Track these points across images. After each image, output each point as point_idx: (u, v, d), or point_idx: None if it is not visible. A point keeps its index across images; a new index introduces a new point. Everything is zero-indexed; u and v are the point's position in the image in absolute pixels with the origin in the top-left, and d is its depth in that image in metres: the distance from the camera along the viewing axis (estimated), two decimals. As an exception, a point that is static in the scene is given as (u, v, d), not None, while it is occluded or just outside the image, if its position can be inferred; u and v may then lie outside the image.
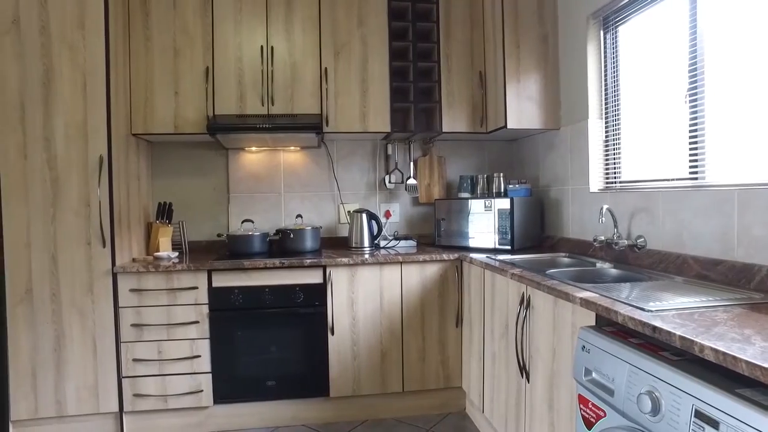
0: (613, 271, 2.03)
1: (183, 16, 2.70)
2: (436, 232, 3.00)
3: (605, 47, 2.41)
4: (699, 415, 0.93)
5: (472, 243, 2.79)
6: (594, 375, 1.27)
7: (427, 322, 2.66)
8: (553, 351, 1.70)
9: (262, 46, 2.75)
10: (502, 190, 2.94)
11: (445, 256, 2.62)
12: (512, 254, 2.56)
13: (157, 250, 2.75)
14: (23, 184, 2.36)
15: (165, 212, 2.80)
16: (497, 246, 2.70)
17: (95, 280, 2.41)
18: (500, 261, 2.30)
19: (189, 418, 2.54)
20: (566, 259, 2.44)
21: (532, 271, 1.97)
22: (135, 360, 2.45)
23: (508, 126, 2.67)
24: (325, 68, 2.79)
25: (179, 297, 2.46)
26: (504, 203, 2.66)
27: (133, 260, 2.61)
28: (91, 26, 2.39)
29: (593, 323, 1.43)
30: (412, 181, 3.16)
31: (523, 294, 1.92)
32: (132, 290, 2.43)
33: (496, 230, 2.70)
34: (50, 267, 2.39)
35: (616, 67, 2.35)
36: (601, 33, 2.42)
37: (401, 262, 2.61)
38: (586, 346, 1.32)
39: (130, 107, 2.66)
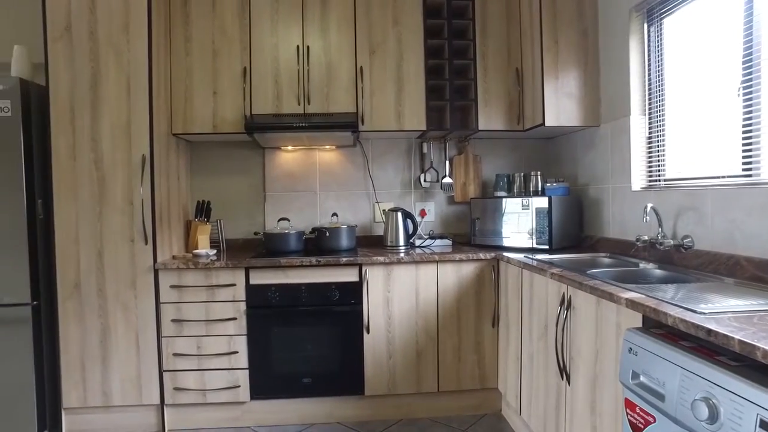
0: (658, 272, 1.97)
1: (221, 18, 2.75)
2: (471, 232, 2.96)
3: (649, 41, 2.33)
4: (765, 425, 0.88)
5: (509, 242, 2.75)
6: (642, 378, 1.23)
7: (463, 322, 2.63)
8: (595, 353, 1.65)
9: (298, 46, 2.77)
10: (540, 189, 2.89)
11: (481, 256, 2.59)
12: (550, 254, 2.51)
13: (196, 248, 2.81)
14: (73, 184, 2.45)
15: (203, 210, 2.86)
16: (535, 245, 2.65)
17: (138, 276, 2.48)
18: (539, 260, 2.26)
19: (226, 413, 2.58)
20: (607, 259, 2.38)
21: (572, 270, 1.93)
22: (175, 354, 2.51)
23: (546, 123, 2.61)
24: (361, 67, 2.79)
25: (217, 294, 2.51)
26: (542, 202, 2.61)
27: (173, 257, 2.67)
28: (135, 30, 2.46)
29: (640, 325, 1.38)
30: (447, 180, 3.14)
31: (563, 294, 1.87)
32: (172, 286, 2.49)
33: (534, 229, 2.65)
34: (96, 263, 2.47)
35: (661, 60, 2.27)
36: (645, 26, 2.34)
37: (437, 261, 2.59)
38: (633, 349, 1.27)
39: (170, 108, 2.73)
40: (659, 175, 2.27)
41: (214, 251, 2.78)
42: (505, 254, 2.52)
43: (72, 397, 2.49)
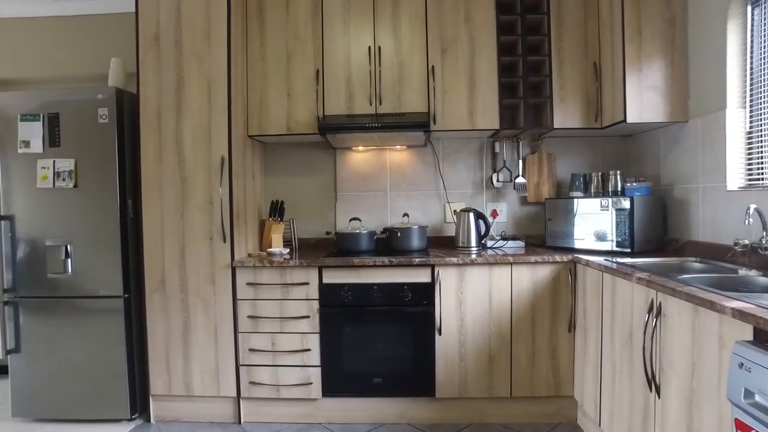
0: (763, 280, 1.81)
1: (295, 21, 2.81)
2: (545, 233, 2.86)
3: (752, 25, 2.14)
4: None
5: (585, 245, 2.63)
6: (758, 398, 1.13)
7: (538, 326, 2.54)
8: (692, 365, 1.54)
9: (369, 47, 2.78)
10: (619, 189, 2.74)
11: (557, 258, 2.50)
12: (632, 257, 2.38)
13: (270, 246, 2.89)
14: (158, 184, 2.59)
15: (277, 210, 2.94)
16: (614, 248, 2.52)
17: (217, 272, 2.59)
18: (621, 264, 2.14)
19: (299, 409, 2.64)
20: (697, 264, 2.22)
21: (659, 275, 1.81)
22: (251, 350, 2.59)
23: (628, 120, 2.48)
24: (432, 66, 2.77)
25: (291, 292, 2.56)
26: (623, 203, 2.48)
27: (249, 255, 2.76)
28: (215, 37, 2.56)
29: (749, 338, 1.27)
30: (520, 180, 3.05)
31: (651, 301, 1.76)
32: (249, 284, 2.58)
33: (614, 232, 2.52)
34: (179, 259, 2.60)
35: (766, 47, 2.08)
36: (748, 9, 2.15)
37: (511, 263, 2.52)
38: (744, 364, 1.17)
39: (246, 110, 2.82)
40: (761, 174, 2.09)
41: (287, 250, 2.84)
42: (583, 257, 2.42)
43: (158, 385, 2.64)
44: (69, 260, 2.63)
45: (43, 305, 2.66)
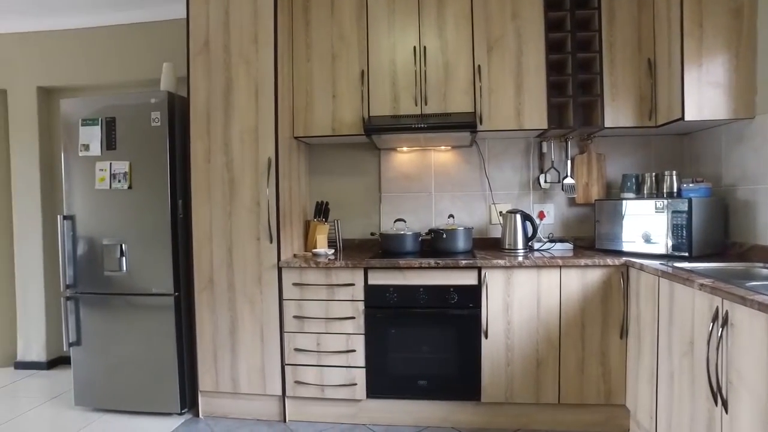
0: (840, 288, 1.68)
1: (340, 23, 2.82)
2: (595, 235, 2.77)
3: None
4: None
5: (638, 248, 2.53)
6: None
7: (588, 332, 2.46)
8: (765, 380, 1.45)
9: (414, 47, 2.76)
10: (675, 190, 2.63)
11: (608, 261, 2.41)
12: (690, 261, 2.26)
13: (315, 247, 2.91)
14: (207, 185, 2.65)
15: (322, 211, 2.96)
16: (670, 252, 2.41)
17: (263, 272, 2.62)
18: (679, 269, 2.04)
19: (343, 409, 2.64)
20: (766, 271, 2.09)
21: (724, 282, 1.71)
22: (296, 349, 2.62)
23: (686, 118, 2.36)
24: (478, 65, 2.72)
25: (337, 293, 2.57)
26: (680, 204, 2.37)
27: (294, 256, 2.79)
28: (262, 40, 2.60)
29: (832, 351, 1.18)
30: (569, 181, 2.96)
31: (716, 309, 1.67)
32: (295, 284, 2.60)
33: (669, 234, 2.41)
34: (227, 259, 2.65)
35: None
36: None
37: (560, 266, 2.45)
38: (829, 379, 1.09)
39: (292, 111, 2.85)
40: (836, 175, 1.95)
41: (332, 251, 2.86)
42: (636, 260, 2.33)
43: (207, 381, 2.70)
44: (123, 259, 2.73)
45: (100, 301, 2.77)
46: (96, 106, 2.74)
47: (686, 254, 2.36)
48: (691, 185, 2.53)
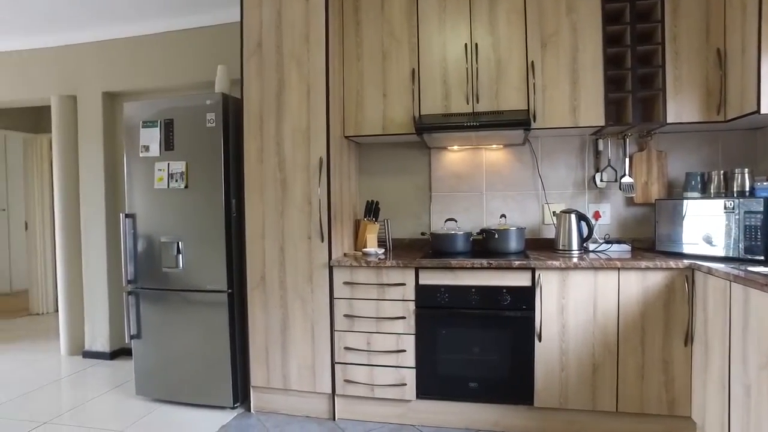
0: None
1: (390, 21, 2.81)
2: (655, 237, 2.64)
3: None
4: None
5: (703, 250, 2.39)
6: None
7: (648, 337, 2.35)
8: None
9: (466, 44, 2.72)
10: (747, 189, 2.47)
11: (672, 264, 2.29)
12: (766, 266, 2.12)
13: (365, 246, 2.91)
14: (260, 184, 2.70)
15: (372, 210, 2.96)
16: (742, 255, 2.27)
17: (314, 271, 2.65)
18: (754, 273, 1.91)
19: (392, 409, 2.64)
20: None
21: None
22: (346, 348, 2.63)
23: (763, 111, 2.20)
24: (532, 61, 2.65)
25: (388, 292, 2.57)
26: (754, 204, 2.22)
27: (345, 255, 2.80)
28: (314, 40, 2.63)
29: None
30: (627, 180, 2.84)
31: (798, 316, 1.55)
32: (345, 283, 2.61)
33: (741, 236, 2.27)
34: (279, 257, 2.69)
35: None
36: None
37: (619, 269, 2.35)
38: None
39: (343, 111, 2.86)
40: None
41: (382, 250, 2.85)
42: (702, 263, 2.20)
43: (258, 377, 2.75)
44: (180, 256, 2.82)
45: (159, 296, 2.88)
46: (155, 108, 2.84)
47: (761, 258, 2.21)
48: (766, 183, 2.37)
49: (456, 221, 2.95)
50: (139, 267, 2.91)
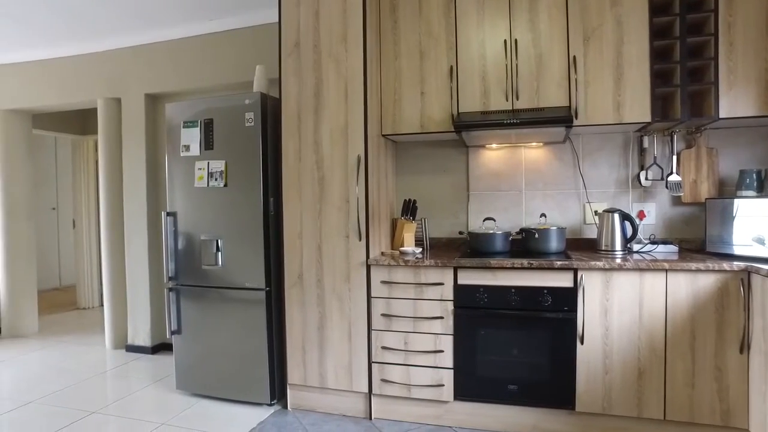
0: None
1: (428, 19, 2.78)
2: (705, 237, 2.53)
3: None
4: None
5: (759, 252, 2.27)
6: None
7: (699, 343, 2.25)
8: None
9: (505, 40, 2.67)
10: (807, 187, 2.34)
11: (725, 266, 2.18)
12: (828, 269, 2.00)
13: (402, 245, 2.90)
14: (297, 183, 2.72)
15: (410, 209, 2.94)
16: (802, 257, 2.14)
17: (352, 270, 2.65)
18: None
19: (429, 410, 2.61)
20: None
21: None
22: (383, 348, 2.62)
23: (825, 105, 2.09)
24: (574, 56, 2.58)
25: (425, 292, 2.54)
26: (815, 203, 2.10)
27: (382, 254, 2.79)
28: (351, 39, 2.62)
29: None
30: (674, 178, 2.73)
31: None
32: (383, 282, 2.60)
33: (801, 237, 2.14)
34: (316, 256, 2.70)
35: None
36: None
37: (667, 270, 2.26)
38: None
39: (380, 109, 2.85)
40: None
41: (420, 249, 2.83)
42: (761, 266, 2.09)
43: (295, 375, 2.77)
44: (219, 253, 2.87)
45: (198, 293, 2.93)
46: (196, 108, 2.90)
47: (821, 260, 2.09)
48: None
49: (494, 220, 2.90)
50: (179, 264, 2.98)
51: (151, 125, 3.91)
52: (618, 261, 2.32)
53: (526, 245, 2.68)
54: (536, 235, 2.63)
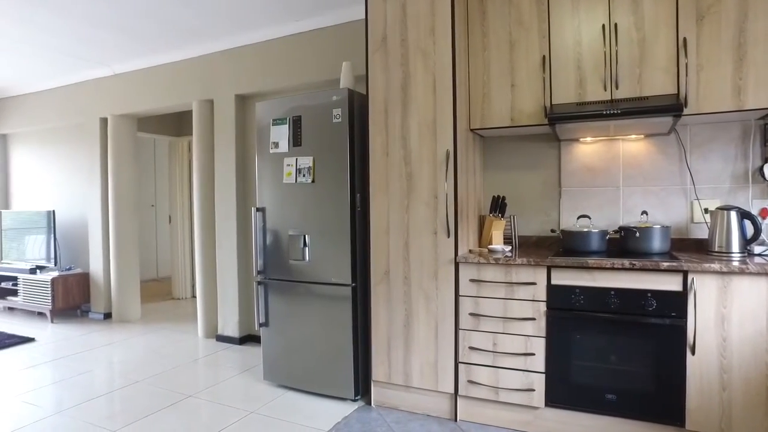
0: None
1: (518, 8, 2.67)
2: (844, 239, 2.22)
3: None
4: None
5: None
6: None
7: (838, 359, 1.98)
8: None
9: (603, 25, 2.50)
10: None
11: None
12: None
13: (490, 243, 2.80)
14: (385, 178, 2.71)
15: (499, 206, 2.84)
16: None
17: (439, 267, 2.59)
18: None
19: (517, 415, 2.50)
20: None
21: None
22: (471, 348, 2.54)
23: None
24: (684, 38, 2.36)
25: (516, 291, 2.44)
26: None
27: (470, 251, 2.72)
28: (439, 32, 2.57)
29: None
30: (807, 170, 2.43)
31: None
32: (471, 280, 2.53)
33: None
34: (403, 252, 2.68)
35: None
36: None
37: (799, 275, 2.01)
38: None
39: (468, 103, 2.77)
40: None
41: (509, 247, 2.72)
42: None
43: (379, 372, 2.76)
44: (306, 249, 2.92)
45: (286, 287, 3.00)
46: (284, 106, 2.97)
47: None
48: None
49: (589, 218, 2.73)
50: (267, 259, 3.07)
51: (240, 125, 4.08)
52: (736, 264, 2.09)
53: (625, 245, 2.50)
54: (637, 234, 2.43)
